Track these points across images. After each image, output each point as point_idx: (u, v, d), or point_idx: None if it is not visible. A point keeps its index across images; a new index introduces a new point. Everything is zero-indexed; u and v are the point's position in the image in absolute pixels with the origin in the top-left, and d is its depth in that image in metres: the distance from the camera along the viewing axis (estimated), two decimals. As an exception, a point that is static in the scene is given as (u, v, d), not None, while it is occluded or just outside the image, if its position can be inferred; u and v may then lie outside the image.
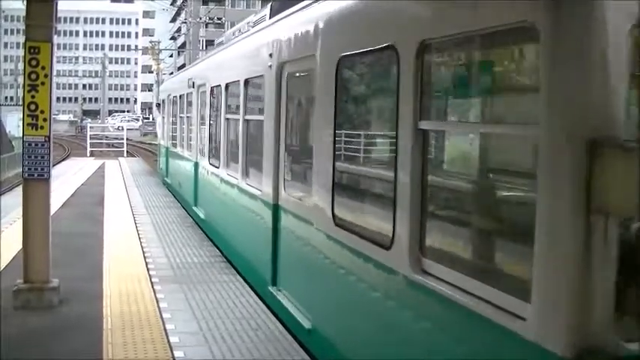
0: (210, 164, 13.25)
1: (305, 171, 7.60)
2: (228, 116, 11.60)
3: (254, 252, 9.45)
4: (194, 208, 15.12)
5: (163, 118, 24.67)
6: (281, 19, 8.56)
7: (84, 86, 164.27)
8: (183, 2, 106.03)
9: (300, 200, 7.59)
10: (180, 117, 18.90)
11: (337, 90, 6.07)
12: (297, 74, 7.85)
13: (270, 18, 10.21)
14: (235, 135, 11.03)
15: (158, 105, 27.69)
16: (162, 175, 23.77)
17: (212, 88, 13.19)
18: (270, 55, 8.34)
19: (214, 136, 13.16)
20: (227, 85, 11.55)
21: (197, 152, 15.16)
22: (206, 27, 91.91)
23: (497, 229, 4.29)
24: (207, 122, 13.71)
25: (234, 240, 10.91)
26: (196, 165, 15.21)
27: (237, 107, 10.61)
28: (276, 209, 8.24)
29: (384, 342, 5.21)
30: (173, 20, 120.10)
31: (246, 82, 9.95)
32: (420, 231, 4.63)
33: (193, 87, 15.61)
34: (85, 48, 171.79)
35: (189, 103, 16.74)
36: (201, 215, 14.08)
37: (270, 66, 8.31)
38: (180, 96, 18.96)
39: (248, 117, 10.06)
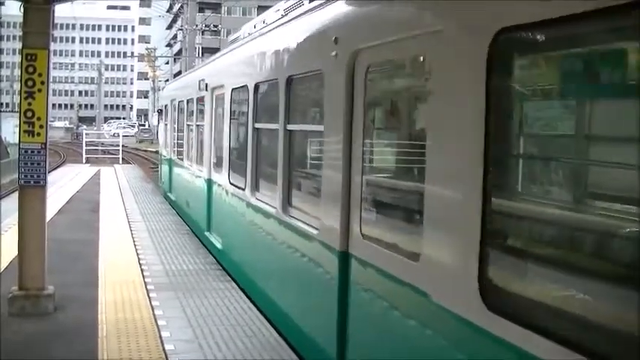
0: (232, 184, 10.70)
1: (407, 205, 5.16)
2: (260, 125, 9.13)
3: (306, 312, 7.11)
4: (207, 234, 12.70)
5: (165, 125, 21.98)
6: None
7: (80, 93, 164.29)
8: (179, 9, 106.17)
9: (395, 252, 4.95)
10: (188, 125, 16.43)
11: (490, 84, 3.76)
12: (388, 64, 5.58)
13: (310, 1, 7.82)
14: (271, 149, 8.50)
15: (159, 111, 24.41)
16: (163, 189, 21.60)
17: (234, 91, 10.72)
18: (336, 41, 6.05)
19: (237, 150, 10.77)
20: (257, 86, 9.13)
21: (211, 168, 12.73)
22: (202, 34, 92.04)
23: None
24: (227, 132, 11.16)
25: (270, 289, 8.47)
26: (209, 183, 12.75)
27: (274, 114, 8.06)
28: (344, 258, 5.76)
29: None
30: (169, 27, 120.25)
31: (290, 80, 7.59)
32: None
33: (206, 90, 13.12)
34: (81, 54, 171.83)
35: (201, 109, 14.24)
36: (218, 245, 11.66)
37: (336, 55, 6.00)
38: (187, 101, 16.38)
39: (292, 127, 7.64)
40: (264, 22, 10.99)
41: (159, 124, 25.10)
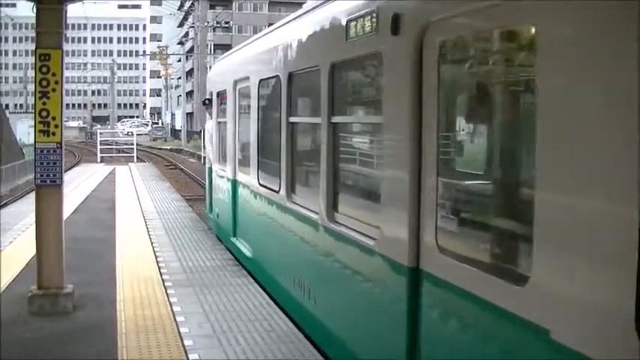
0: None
1: None
2: None
3: None
4: None
5: (220, 125, 13.02)
6: None
7: (93, 92, 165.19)
8: (190, 7, 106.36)
9: None
10: (293, 123, 7.94)
11: None
12: None
13: None
14: None
15: (206, 102, 14.44)
16: (219, 227, 13.36)
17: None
18: None
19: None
20: None
21: (433, 232, 4.45)
22: (214, 31, 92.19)
23: None
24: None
25: None
26: (417, 276, 4.62)
27: None
28: None
29: None
30: (180, 25, 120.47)
31: None
32: None
33: (397, 33, 4.81)
34: (93, 54, 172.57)
35: (349, 88, 6.86)
36: None
37: None
38: (290, 76, 7.89)
39: None
40: None
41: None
